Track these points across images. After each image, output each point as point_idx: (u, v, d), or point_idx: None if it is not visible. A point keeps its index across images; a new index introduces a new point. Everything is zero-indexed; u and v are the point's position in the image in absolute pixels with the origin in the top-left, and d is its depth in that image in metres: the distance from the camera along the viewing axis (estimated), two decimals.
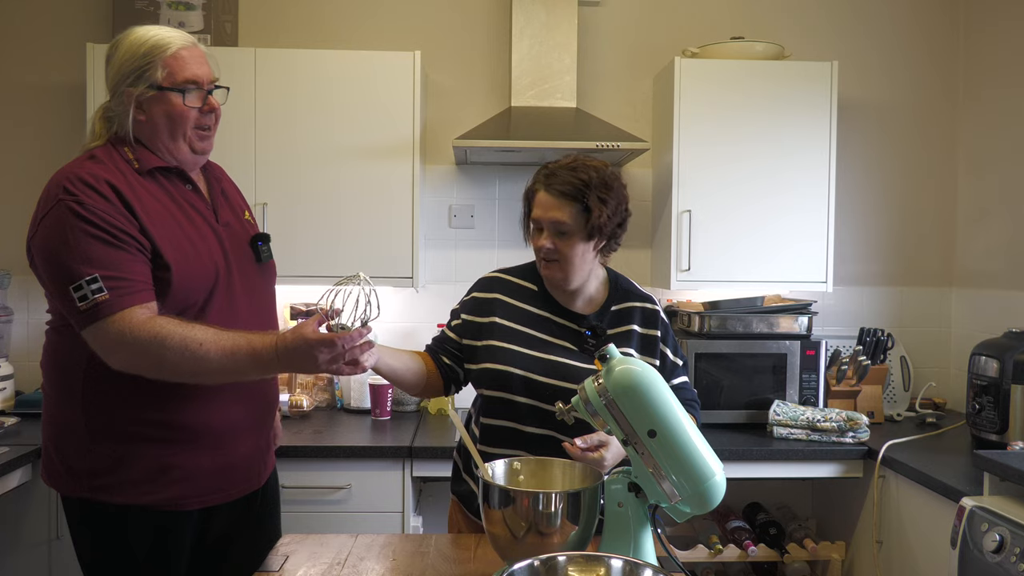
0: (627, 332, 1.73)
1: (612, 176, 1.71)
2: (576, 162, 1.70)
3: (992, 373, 2.35)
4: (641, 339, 1.74)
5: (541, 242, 1.69)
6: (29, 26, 2.99)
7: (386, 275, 2.76)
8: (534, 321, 1.75)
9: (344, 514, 2.42)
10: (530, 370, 1.69)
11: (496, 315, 1.76)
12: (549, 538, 1.31)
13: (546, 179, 1.69)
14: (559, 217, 1.66)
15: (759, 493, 3.04)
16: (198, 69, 1.64)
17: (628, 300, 1.77)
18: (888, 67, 3.17)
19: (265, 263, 1.76)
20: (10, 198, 2.97)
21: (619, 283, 1.81)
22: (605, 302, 1.77)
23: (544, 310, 1.76)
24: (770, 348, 2.74)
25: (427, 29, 3.09)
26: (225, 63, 2.68)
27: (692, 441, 1.30)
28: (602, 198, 1.67)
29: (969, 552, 1.82)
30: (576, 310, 1.76)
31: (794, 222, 2.81)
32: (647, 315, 1.76)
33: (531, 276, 1.81)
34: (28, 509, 2.37)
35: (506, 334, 1.74)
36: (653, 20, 3.13)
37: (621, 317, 1.75)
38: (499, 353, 1.72)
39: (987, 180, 3.03)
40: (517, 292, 1.79)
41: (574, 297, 1.76)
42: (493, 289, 1.80)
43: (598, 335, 1.61)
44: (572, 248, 1.68)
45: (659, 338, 1.75)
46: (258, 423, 1.71)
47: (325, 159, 2.73)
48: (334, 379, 3.01)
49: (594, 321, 1.73)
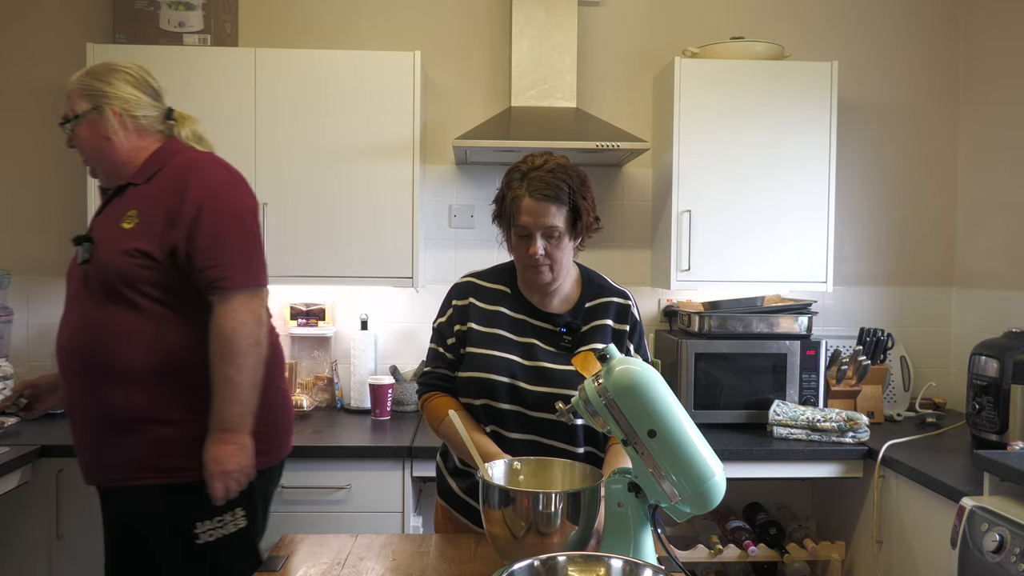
0: (601, 327, 1.72)
1: (583, 172, 1.71)
2: (548, 163, 1.68)
3: (992, 373, 2.35)
4: (614, 333, 1.73)
5: (533, 250, 1.65)
6: (29, 26, 2.99)
7: (386, 275, 2.76)
8: (510, 324, 1.73)
9: (344, 514, 2.42)
10: (514, 376, 1.68)
11: (471, 321, 1.74)
12: (549, 538, 1.32)
13: (528, 184, 1.65)
14: (553, 222, 1.64)
15: (759, 493, 3.04)
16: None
17: (602, 296, 1.76)
18: (888, 67, 3.17)
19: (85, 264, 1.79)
20: (10, 198, 2.97)
21: (592, 279, 1.80)
22: (579, 299, 1.75)
23: (519, 312, 1.75)
24: (770, 348, 2.74)
25: (427, 29, 3.09)
26: (225, 63, 2.72)
27: (692, 441, 1.30)
28: (584, 196, 1.67)
29: (969, 552, 1.82)
30: (551, 310, 1.75)
31: (794, 222, 2.81)
32: (620, 309, 1.75)
33: (504, 278, 1.79)
34: (28, 509, 2.37)
35: (483, 340, 1.72)
36: (653, 20, 3.13)
37: (595, 312, 1.74)
38: (480, 360, 1.70)
39: (987, 180, 3.03)
40: (491, 296, 1.77)
41: (550, 297, 1.75)
42: (467, 295, 1.78)
43: (573, 331, 1.61)
44: (561, 250, 1.67)
45: (626, 333, 1.74)
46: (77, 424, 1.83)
47: (325, 159, 2.73)
48: (334, 379, 3.01)
49: (568, 318, 1.72)
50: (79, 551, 2.37)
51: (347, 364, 3.03)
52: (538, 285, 1.72)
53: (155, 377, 1.74)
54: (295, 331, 3.02)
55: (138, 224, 1.75)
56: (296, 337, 3.07)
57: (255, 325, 1.76)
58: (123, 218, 1.77)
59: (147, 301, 1.74)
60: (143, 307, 1.74)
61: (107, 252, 1.76)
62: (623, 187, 3.15)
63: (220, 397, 1.73)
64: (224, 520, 1.78)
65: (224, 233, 1.76)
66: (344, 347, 3.07)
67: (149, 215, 1.76)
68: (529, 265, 1.69)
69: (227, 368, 1.72)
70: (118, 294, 1.74)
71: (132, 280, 1.73)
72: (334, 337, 3.08)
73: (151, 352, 1.73)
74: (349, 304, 3.08)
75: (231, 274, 1.74)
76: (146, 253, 1.73)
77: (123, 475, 1.76)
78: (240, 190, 1.85)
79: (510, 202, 1.68)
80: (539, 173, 1.65)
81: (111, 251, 1.75)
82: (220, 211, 1.76)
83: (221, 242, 1.75)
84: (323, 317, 3.04)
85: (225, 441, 1.72)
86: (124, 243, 1.74)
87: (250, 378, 1.75)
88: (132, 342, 1.73)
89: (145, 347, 1.73)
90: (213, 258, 1.73)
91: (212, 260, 1.73)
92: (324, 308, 3.04)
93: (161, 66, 2.66)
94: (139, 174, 1.82)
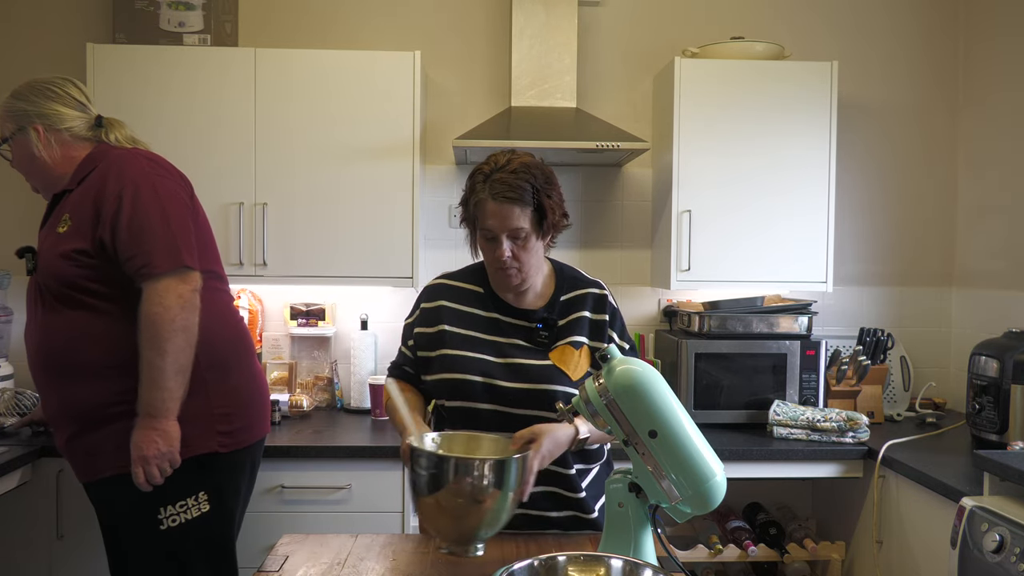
0: (578, 319, 1.71)
1: (548, 169, 1.69)
2: (511, 163, 1.65)
3: (992, 373, 2.35)
4: (591, 324, 1.72)
5: (499, 252, 1.63)
6: (29, 26, 2.99)
7: (386, 275, 2.76)
8: (484, 324, 1.72)
9: (344, 514, 2.42)
10: (490, 375, 1.67)
11: (444, 323, 1.73)
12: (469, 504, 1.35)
13: (490, 187, 1.62)
14: (518, 224, 1.62)
15: (759, 493, 3.04)
16: None
17: (576, 288, 1.75)
18: (888, 67, 3.17)
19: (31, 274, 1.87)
20: (10, 198, 2.97)
21: (565, 272, 1.79)
22: (553, 294, 1.74)
23: (493, 311, 1.73)
24: (770, 348, 2.74)
25: (427, 29, 3.09)
26: (225, 63, 2.72)
27: (693, 441, 1.30)
28: (549, 195, 1.65)
29: (969, 552, 1.82)
30: (526, 306, 1.74)
31: (794, 222, 2.81)
32: (596, 300, 1.74)
33: (476, 278, 1.78)
34: (28, 509, 2.37)
35: (457, 341, 1.71)
36: (653, 20, 3.13)
37: (571, 305, 1.73)
38: (455, 362, 1.69)
39: (987, 180, 3.03)
40: (463, 296, 1.76)
41: (524, 294, 1.74)
42: (438, 297, 1.77)
43: (549, 327, 1.60)
44: (529, 251, 1.65)
45: (607, 322, 1.72)
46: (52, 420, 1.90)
47: (325, 159, 2.73)
48: (334, 379, 3.01)
49: (543, 314, 1.71)
50: (79, 551, 2.37)
51: (347, 364, 3.03)
52: (509, 287, 1.71)
53: (117, 370, 1.77)
54: (295, 331, 3.02)
55: (71, 226, 1.80)
56: (296, 337, 3.07)
57: (181, 309, 1.74)
58: (59, 223, 1.83)
59: (95, 299, 1.79)
60: (92, 306, 1.79)
61: (47, 259, 1.82)
62: (623, 187, 3.15)
63: (145, 382, 1.73)
64: (187, 504, 1.81)
65: (143, 220, 1.76)
66: (344, 347, 3.07)
67: (79, 215, 1.81)
68: (498, 268, 1.67)
69: (150, 353, 1.72)
70: (67, 297, 1.79)
71: (74, 281, 1.78)
72: (334, 337, 3.08)
73: (110, 348, 1.78)
74: (349, 304, 3.08)
75: (153, 260, 1.74)
76: (82, 251, 1.77)
77: (100, 468, 1.82)
78: (162, 177, 1.85)
79: (474, 205, 1.66)
80: (502, 174, 1.62)
81: (51, 257, 1.81)
82: (138, 199, 1.77)
83: (139, 229, 1.75)
84: (323, 317, 3.04)
85: (147, 427, 1.73)
86: (60, 247, 1.79)
87: (174, 363, 1.73)
88: (91, 341, 1.78)
89: (103, 344, 1.78)
90: (135, 246, 1.75)
91: (134, 248, 1.75)
92: (324, 308, 3.04)
93: (161, 66, 2.69)
94: (72, 180, 1.87)
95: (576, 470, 1.69)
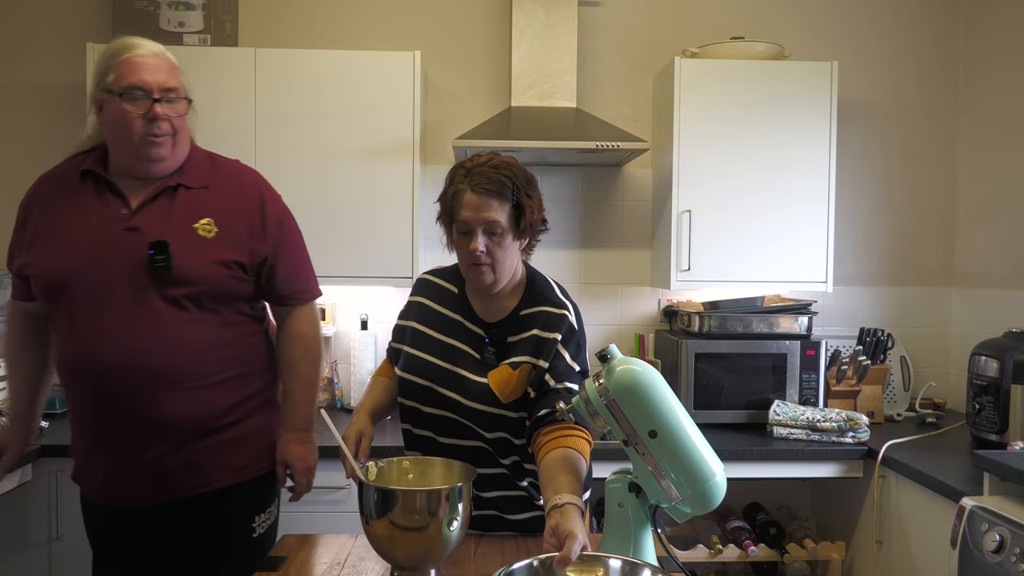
0: (527, 338, 1.63)
1: (530, 173, 1.67)
2: (493, 159, 1.63)
3: (992, 373, 2.35)
4: (537, 342, 1.62)
5: (473, 246, 1.58)
6: (29, 26, 2.99)
7: (386, 275, 2.76)
8: (446, 325, 1.70)
9: (344, 514, 2.42)
10: (432, 379, 1.65)
11: (413, 319, 1.73)
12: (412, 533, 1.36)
13: (470, 179, 1.59)
14: (493, 217, 1.57)
15: (759, 493, 3.04)
16: (148, 76, 1.64)
17: (537, 304, 1.67)
18: (888, 67, 3.17)
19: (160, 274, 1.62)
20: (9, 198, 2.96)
21: (534, 285, 1.71)
22: (516, 307, 1.68)
23: (457, 313, 1.71)
24: (770, 348, 2.74)
25: (427, 29, 3.09)
26: (225, 63, 2.71)
27: (693, 441, 1.30)
28: (529, 195, 1.63)
29: (969, 552, 1.82)
30: (488, 318, 1.68)
31: (794, 222, 2.81)
32: (551, 318, 1.64)
33: (455, 278, 1.75)
34: (28, 509, 2.37)
35: (419, 340, 1.70)
36: (653, 20, 3.13)
37: (526, 321, 1.65)
38: (409, 360, 1.69)
39: (987, 180, 3.04)
40: (438, 295, 1.75)
41: (491, 303, 1.69)
42: (419, 292, 1.77)
43: (497, 343, 1.60)
44: (504, 249, 1.61)
45: (556, 340, 1.61)
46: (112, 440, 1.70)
47: (325, 159, 2.73)
48: (334, 379, 3.01)
49: (494, 329, 1.67)
50: (79, 551, 2.36)
51: (347, 364, 3.03)
52: (481, 286, 1.65)
53: (237, 382, 1.74)
54: None
55: (218, 234, 1.69)
56: None
57: (320, 331, 1.91)
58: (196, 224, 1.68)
59: (230, 309, 1.73)
60: (225, 315, 1.72)
61: (193, 260, 1.65)
62: (623, 187, 3.15)
63: (300, 397, 1.83)
64: (272, 512, 1.86)
65: (302, 246, 1.89)
66: (344, 347, 3.07)
67: (228, 224, 1.71)
68: (471, 264, 1.62)
69: (308, 369, 1.84)
70: (206, 304, 1.68)
71: (226, 289, 1.70)
72: (334, 337, 3.08)
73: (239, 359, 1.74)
74: (349, 304, 3.08)
75: (311, 285, 1.88)
76: (239, 264, 1.71)
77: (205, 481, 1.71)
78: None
79: (451, 197, 1.63)
80: (483, 169, 1.60)
81: (200, 260, 1.66)
82: (294, 225, 1.87)
83: (300, 255, 1.88)
84: (323, 317, 3.04)
85: (304, 440, 1.83)
86: (213, 253, 1.67)
87: (319, 380, 1.91)
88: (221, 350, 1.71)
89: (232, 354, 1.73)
90: (298, 270, 1.85)
91: (296, 272, 1.84)
92: (324, 308, 3.04)
93: None
94: (187, 177, 1.72)
95: (528, 482, 1.68)
